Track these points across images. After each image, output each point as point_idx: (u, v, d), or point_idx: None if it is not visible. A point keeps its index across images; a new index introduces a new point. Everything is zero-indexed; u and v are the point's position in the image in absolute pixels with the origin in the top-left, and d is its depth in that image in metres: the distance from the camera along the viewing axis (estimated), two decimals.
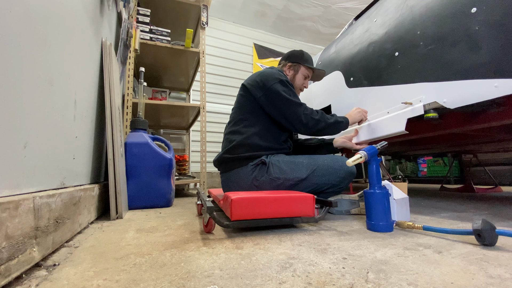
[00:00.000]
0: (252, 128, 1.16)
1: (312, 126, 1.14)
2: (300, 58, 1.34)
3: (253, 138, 1.15)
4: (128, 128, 1.76)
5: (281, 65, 1.38)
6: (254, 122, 1.17)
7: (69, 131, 0.82)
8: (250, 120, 1.18)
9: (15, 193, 0.51)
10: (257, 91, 1.17)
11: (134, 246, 0.68)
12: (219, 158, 1.21)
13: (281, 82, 1.16)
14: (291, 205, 0.84)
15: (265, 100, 1.15)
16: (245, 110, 1.19)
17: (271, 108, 1.16)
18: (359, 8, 3.53)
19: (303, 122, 1.13)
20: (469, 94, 0.88)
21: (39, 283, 0.46)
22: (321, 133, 1.18)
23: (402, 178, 3.72)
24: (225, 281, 0.46)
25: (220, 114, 3.58)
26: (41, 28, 0.62)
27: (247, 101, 1.19)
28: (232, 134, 1.19)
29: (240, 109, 1.21)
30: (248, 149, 1.14)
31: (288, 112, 1.13)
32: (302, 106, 1.14)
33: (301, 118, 1.13)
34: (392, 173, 4.07)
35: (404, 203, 0.96)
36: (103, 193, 1.16)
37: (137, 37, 1.84)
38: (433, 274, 0.48)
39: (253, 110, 1.18)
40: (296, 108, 1.13)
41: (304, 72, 1.35)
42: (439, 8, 0.99)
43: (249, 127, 1.17)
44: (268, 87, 1.14)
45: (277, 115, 1.16)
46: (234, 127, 1.20)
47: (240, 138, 1.15)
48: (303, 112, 1.13)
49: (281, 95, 1.13)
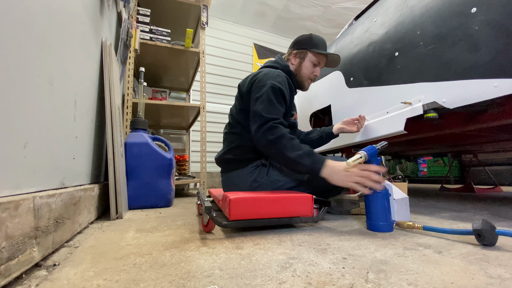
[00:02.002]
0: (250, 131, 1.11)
1: (263, 145, 0.96)
2: (307, 44, 1.18)
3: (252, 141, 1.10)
4: (128, 128, 1.76)
5: (287, 53, 1.26)
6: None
7: (69, 131, 0.82)
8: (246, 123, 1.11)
9: (15, 193, 0.51)
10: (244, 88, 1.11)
11: (134, 246, 0.68)
12: (220, 158, 1.20)
13: (272, 87, 1.01)
14: (289, 205, 0.84)
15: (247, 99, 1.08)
16: (241, 111, 1.14)
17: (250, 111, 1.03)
18: (359, 8, 3.52)
19: (254, 136, 0.98)
20: (469, 94, 0.88)
21: (39, 283, 0.46)
22: (272, 157, 1.04)
23: (402, 178, 3.72)
24: (225, 281, 0.46)
25: (220, 114, 3.58)
26: (41, 28, 0.62)
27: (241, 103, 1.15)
28: (231, 135, 1.17)
29: (237, 111, 1.16)
30: (248, 151, 1.12)
31: (251, 117, 1.00)
32: (263, 119, 0.95)
33: (254, 131, 0.98)
34: (392, 173, 4.07)
35: (404, 203, 0.96)
36: (103, 193, 1.16)
37: (137, 37, 1.84)
38: (433, 274, 0.48)
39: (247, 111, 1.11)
40: (256, 119, 0.98)
41: (312, 58, 1.17)
42: (439, 8, 0.99)
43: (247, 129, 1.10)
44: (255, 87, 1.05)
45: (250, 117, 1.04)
46: (234, 128, 1.17)
47: (240, 140, 1.14)
48: (259, 125, 0.96)
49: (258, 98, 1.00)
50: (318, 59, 1.19)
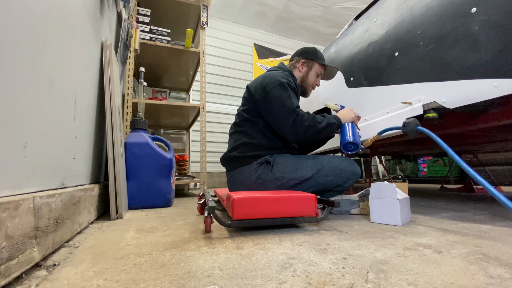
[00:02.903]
0: (257, 128, 1.18)
1: (302, 132, 1.09)
2: (314, 55, 1.33)
3: (258, 138, 1.17)
4: (128, 128, 1.76)
5: (294, 61, 1.35)
6: (258, 122, 1.18)
7: (69, 131, 0.82)
8: (254, 121, 1.19)
9: (15, 193, 0.51)
10: (256, 94, 1.17)
11: (134, 246, 0.68)
12: (225, 157, 1.23)
13: (281, 85, 1.12)
14: (293, 205, 0.84)
15: (263, 105, 1.14)
16: (249, 111, 1.20)
17: (266, 113, 1.14)
18: (359, 8, 3.53)
19: (291, 130, 1.09)
20: (469, 94, 0.88)
21: (39, 283, 0.46)
22: (312, 138, 1.16)
23: (402, 178, 3.72)
24: (225, 281, 0.46)
25: (220, 114, 3.58)
26: (41, 28, 0.62)
27: (250, 103, 1.20)
28: (237, 134, 1.22)
29: (244, 110, 1.22)
30: (253, 148, 1.16)
31: (279, 119, 1.10)
32: (294, 113, 1.08)
33: (290, 126, 1.08)
34: (392, 173, 4.07)
35: (406, 203, 0.97)
36: (103, 193, 1.16)
37: (137, 37, 1.84)
38: (433, 274, 0.48)
39: (256, 111, 1.19)
40: (288, 116, 1.08)
41: (318, 69, 1.34)
42: (439, 8, 0.99)
43: (253, 127, 1.18)
44: (267, 91, 1.13)
45: (271, 121, 1.14)
46: (239, 127, 1.22)
47: (245, 137, 1.18)
48: (294, 120, 1.08)
49: (276, 101, 1.10)
50: (322, 70, 1.36)
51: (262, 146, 1.16)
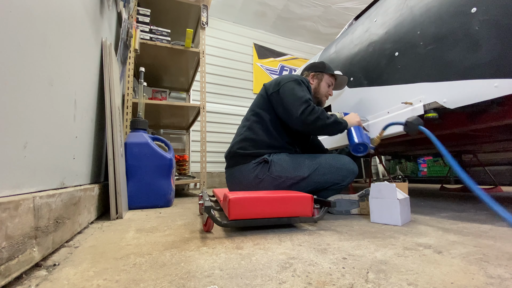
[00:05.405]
0: (260, 124, 1.21)
1: (311, 122, 1.12)
2: (322, 68, 1.39)
3: (259, 134, 1.20)
4: (128, 128, 1.76)
5: (304, 75, 1.42)
6: (263, 119, 1.22)
7: (69, 131, 0.82)
8: (260, 117, 1.22)
9: (15, 193, 0.51)
10: (271, 88, 1.23)
11: (134, 246, 0.68)
12: (228, 150, 1.27)
13: (296, 81, 1.19)
14: (289, 205, 0.84)
15: (276, 96, 1.19)
16: (258, 106, 1.25)
17: (278, 104, 1.19)
18: (359, 8, 3.53)
19: (301, 118, 1.11)
20: (469, 94, 0.88)
21: (39, 283, 0.46)
22: (318, 131, 1.18)
23: (402, 178, 3.72)
24: (225, 281, 0.46)
25: (220, 114, 3.58)
26: (41, 28, 0.62)
27: (262, 98, 1.26)
28: (242, 128, 1.26)
29: (254, 106, 1.27)
30: (253, 145, 1.18)
31: (291, 107, 1.14)
32: (306, 103, 1.12)
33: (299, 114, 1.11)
34: (392, 173, 4.07)
35: (406, 203, 0.97)
36: (103, 193, 1.16)
37: (137, 37, 1.84)
38: (433, 274, 0.48)
39: (265, 107, 1.23)
40: (299, 105, 1.12)
41: (328, 80, 1.39)
42: (439, 8, 0.99)
43: (258, 123, 1.22)
44: (281, 85, 1.19)
45: (282, 111, 1.18)
46: (246, 122, 1.27)
47: (248, 132, 1.21)
48: (305, 108, 1.11)
49: (290, 92, 1.16)
50: (332, 80, 1.41)
51: (262, 144, 1.18)
